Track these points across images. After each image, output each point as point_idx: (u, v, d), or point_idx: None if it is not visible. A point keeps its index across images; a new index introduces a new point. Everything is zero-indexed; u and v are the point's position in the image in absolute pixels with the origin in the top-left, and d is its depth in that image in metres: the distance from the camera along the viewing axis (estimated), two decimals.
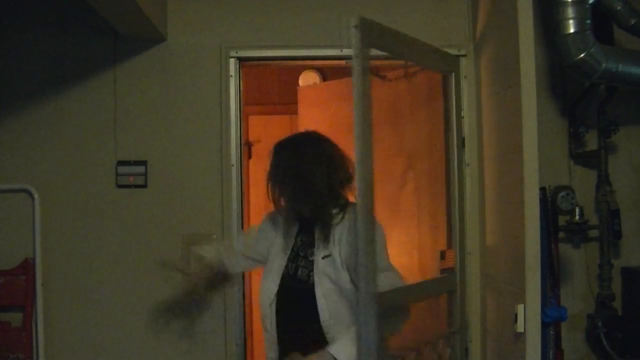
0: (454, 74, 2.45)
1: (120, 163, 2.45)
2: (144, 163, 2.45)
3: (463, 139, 2.47)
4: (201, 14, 2.50)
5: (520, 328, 1.75)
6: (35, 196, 2.41)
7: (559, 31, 2.27)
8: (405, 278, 1.93)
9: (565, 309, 2.17)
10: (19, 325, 2.38)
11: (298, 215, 1.95)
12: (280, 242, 1.98)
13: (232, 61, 2.48)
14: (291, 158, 1.90)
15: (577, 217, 2.47)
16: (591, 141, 2.55)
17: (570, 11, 2.24)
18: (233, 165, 2.46)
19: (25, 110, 2.48)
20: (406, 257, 2.70)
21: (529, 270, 1.74)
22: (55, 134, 2.48)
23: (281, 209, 1.98)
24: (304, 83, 3.74)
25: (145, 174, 2.44)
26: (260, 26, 2.51)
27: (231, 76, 2.47)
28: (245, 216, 2.54)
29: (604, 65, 2.26)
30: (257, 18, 2.51)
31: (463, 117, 2.48)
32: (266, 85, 3.92)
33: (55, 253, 2.44)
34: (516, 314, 1.76)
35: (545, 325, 2.01)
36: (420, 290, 2.20)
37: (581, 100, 2.53)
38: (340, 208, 1.91)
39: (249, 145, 3.62)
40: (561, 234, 2.50)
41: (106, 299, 2.43)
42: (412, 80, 2.65)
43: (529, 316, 1.74)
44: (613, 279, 2.50)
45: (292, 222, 1.97)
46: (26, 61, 2.49)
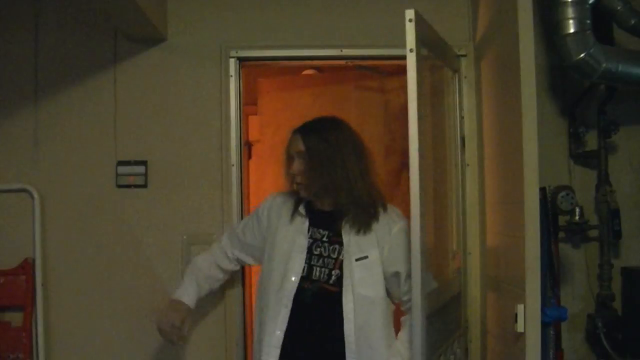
0: (455, 74, 2.46)
1: (120, 163, 2.45)
2: (144, 163, 2.44)
3: (463, 139, 2.47)
4: (201, 14, 2.50)
5: (520, 328, 1.75)
6: (35, 196, 2.41)
7: (559, 31, 2.27)
8: None
9: (565, 309, 2.17)
10: (19, 325, 2.38)
11: (319, 208, 1.81)
12: (289, 237, 1.82)
13: (232, 61, 2.48)
14: (321, 143, 1.75)
15: (577, 217, 2.47)
16: (591, 141, 2.55)
17: (570, 11, 2.24)
18: (233, 165, 2.46)
19: (25, 110, 2.47)
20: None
21: (529, 270, 1.74)
22: (55, 134, 2.48)
23: (295, 199, 1.85)
24: None
25: (145, 174, 2.44)
26: (260, 26, 2.51)
27: (231, 76, 2.47)
28: (245, 216, 2.53)
29: (604, 65, 2.26)
30: (257, 18, 2.51)
31: (463, 117, 2.48)
32: None
33: (55, 253, 2.44)
34: (516, 314, 1.76)
35: (545, 325, 2.01)
36: (445, 291, 2.20)
37: (581, 100, 2.54)
38: (373, 203, 1.76)
39: (249, 145, 3.62)
40: (561, 234, 2.50)
41: (106, 299, 2.43)
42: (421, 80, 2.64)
43: (529, 316, 1.73)
44: (613, 279, 2.50)
45: (303, 215, 1.84)
46: (26, 61, 2.48)
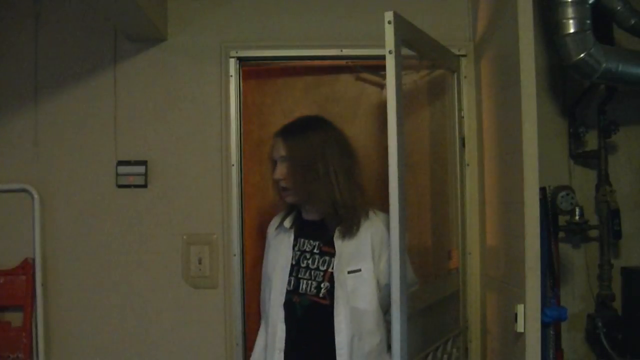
0: (455, 74, 2.46)
1: (120, 163, 2.45)
2: (144, 163, 2.44)
3: (463, 139, 2.47)
4: (201, 14, 2.50)
5: (520, 328, 1.75)
6: (35, 196, 2.41)
7: (559, 31, 2.27)
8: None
9: (565, 309, 2.17)
10: (19, 325, 2.38)
11: (308, 218, 1.75)
12: (275, 252, 1.76)
13: (232, 61, 2.48)
14: (303, 145, 1.67)
15: (577, 217, 2.47)
16: (591, 141, 2.55)
17: (570, 11, 2.24)
18: (233, 165, 2.46)
19: (25, 110, 2.48)
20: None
21: (529, 270, 1.74)
22: (55, 134, 2.48)
23: (286, 212, 1.79)
24: None
25: (145, 174, 2.44)
26: (260, 26, 2.51)
27: (231, 76, 2.47)
28: (246, 216, 2.54)
29: (604, 65, 2.26)
30: (257, 18, 2.51)
31: (463, 117, 2.48)
32: None
33: (55, 253, 2.44)
34: (516, 314, 1.76)
35: (545, 325, 2.01)
36: (434, 290, 2.19)
37: (581, 100, 2.54)
38: (360, 207, 1.69)
39: None
40: (561, 234, 2.51)
41: (106, 298, 2.43)
42: (420, 80, 2.64)
43: (529, 316, 1.73)
44: (613, 279, 2.51)
45: (288, 228, 1.78)
46: (26, 61, 2.48)
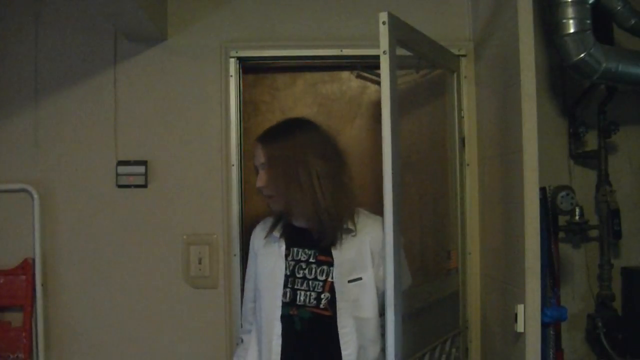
0: (455, 74, 2.46)
1: (120, 163, 2.45)
2: (144, 163, 2.44)
3: (463, 139, 2.47)
4: (201, 14, 2.50)
5: (520, 328, 1.75)
6: (35, 196, 2.41)
7: (559, 31, 2.27)
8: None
9: (565, 309, 2.17)
10: (19, 325, 2.38)
11: (299, 226, 1.71)
12: (266, 263, 1.72)
13: (232, 61, 2.48)
14: (282, 150, 1.61)
15: (577, 217, 2.47)
16: (591, 141, 2.55)
17: (570, 11, 2.24)
18: (233, 165, 2.46)
19: (25, 110, 2.47)
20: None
21: (529, 270, 1.74)
22: (55, 134, 2.48)
23: (274, 220, 1.75)
24: None
25: (145, 174, 2.44)
26: (260, 26, 2.51)
27: (231, 76, 2.47)
28: (246, 216, 2.54)
29: (604, 65, 2.27)
30: (257, 18, 2.51)
31: (463, 117, 2.48)
32: None
33: (55, 253, 2.44)
34: (516, 314, 1.76)
35: (545, 325, 2.01)
36: (434, 290, 2.19)
37: (581, 100, 2.54)
38: (345, 212, 1.65)
39: None
40: (561, 234, 2.51)
41: (106, 299, 2.43)
42: (419, 79, 2.64)
43: (529, 316, 1.74)
44: (613, 279, 2.51)
45: (277, 236, 1.73)
46: (26, 61, 2.48)
